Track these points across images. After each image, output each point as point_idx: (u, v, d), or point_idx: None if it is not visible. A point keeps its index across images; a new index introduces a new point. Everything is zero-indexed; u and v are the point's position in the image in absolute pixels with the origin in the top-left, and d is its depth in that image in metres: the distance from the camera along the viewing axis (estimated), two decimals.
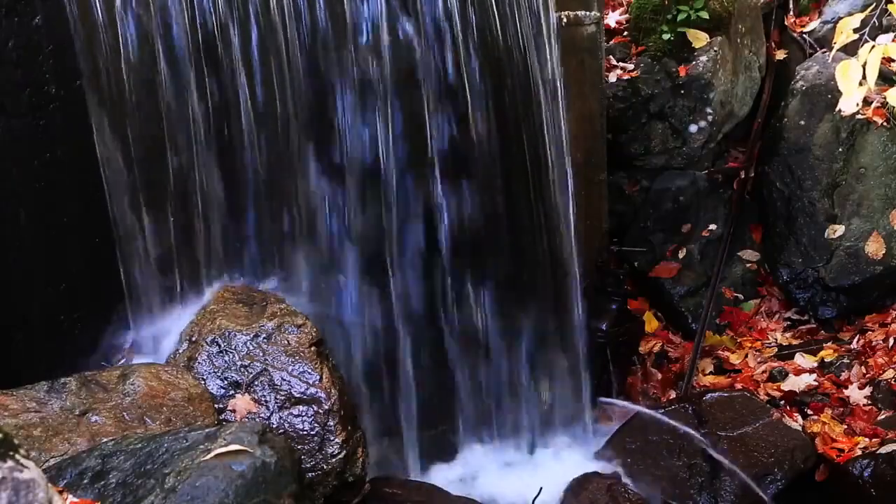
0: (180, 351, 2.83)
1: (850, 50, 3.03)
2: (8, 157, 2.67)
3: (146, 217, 2.94)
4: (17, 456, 1.36)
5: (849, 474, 3.54)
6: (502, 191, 3.61)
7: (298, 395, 2.70)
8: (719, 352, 4.55)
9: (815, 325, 4.65)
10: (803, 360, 4.40)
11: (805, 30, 5.11)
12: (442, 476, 3.57)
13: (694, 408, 3.86)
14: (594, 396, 4.07)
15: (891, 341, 4.35)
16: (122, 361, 2.88)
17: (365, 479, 2.77)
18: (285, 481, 2.02)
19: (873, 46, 2.57)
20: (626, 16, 4.90)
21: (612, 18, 4.89)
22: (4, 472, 1.32)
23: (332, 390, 2.72)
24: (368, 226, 3.34)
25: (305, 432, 2.66)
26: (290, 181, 3.18)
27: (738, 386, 4.25)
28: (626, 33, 4.89)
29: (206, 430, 2.15)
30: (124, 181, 2.87)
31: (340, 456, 2.66)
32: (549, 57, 3.59)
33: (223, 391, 2.71)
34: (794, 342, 4.58)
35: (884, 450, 3.55)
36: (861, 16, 2.78)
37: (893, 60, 4.33)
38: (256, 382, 2.72)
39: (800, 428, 3.89)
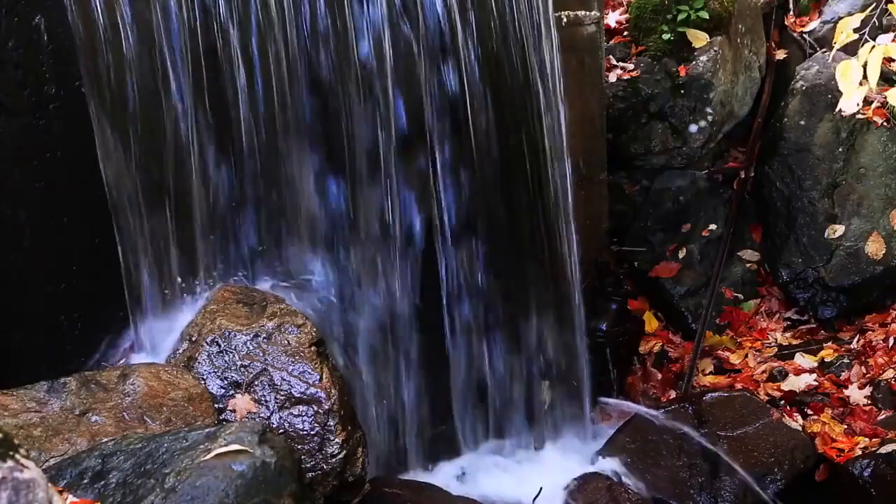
0: (180, 351, 2.83)
1: (850, 50, 3.03)
2: (8, 157, 2.67)
3: (146, 217, 2.93)
4: (17, 456, 1.36)
5: (849, 474, 3.54)
6: (502, 190, 3.61)
7: (298, 395, 2.70)
8: (719, 352, 4.55)
9: (815, 325, 4.64)
10: (803, 360, 4.40)
11: (805, 30, 5.11)
12: (442, 476, 3.57)
13: (694, 408, 3.86)
14: (594, 396, 4.07)
15: (891, 341, 4.34)
16: (122, 361, 2.88)
17: (365, 479, 2.77)
18: (285, 481, 2.02)
19: (874, 47, 2.57)
20: (626, 16, 4.90)
21: (612, 18, 4.89)
22: (4, 471, 1.32)
23: (332, 390, 2.72)
24: (368, 225, 3.34)
25: (305, 432, 2.66)
26: (291, 180, 3.18)
27: (738, 386, 4.25)
28: (626, 33, 4.89)
29: (206, 430, 2.15)
30: (124, 181, 2.87)
31: (340, 456, 2.66)
32: (548, 57, 3.59)
33: (223, 391, 2.71)
34: (794, 342, 4.58)
35: (884, 450, 3.55)
36: (861, 16, 2.78)
37: (893, 60, 4.33)
38: (256, 382, 2.72)
39: (800, 428, 3.88)
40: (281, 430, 2.63)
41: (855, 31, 2.75)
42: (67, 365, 2.72)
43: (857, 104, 2.65)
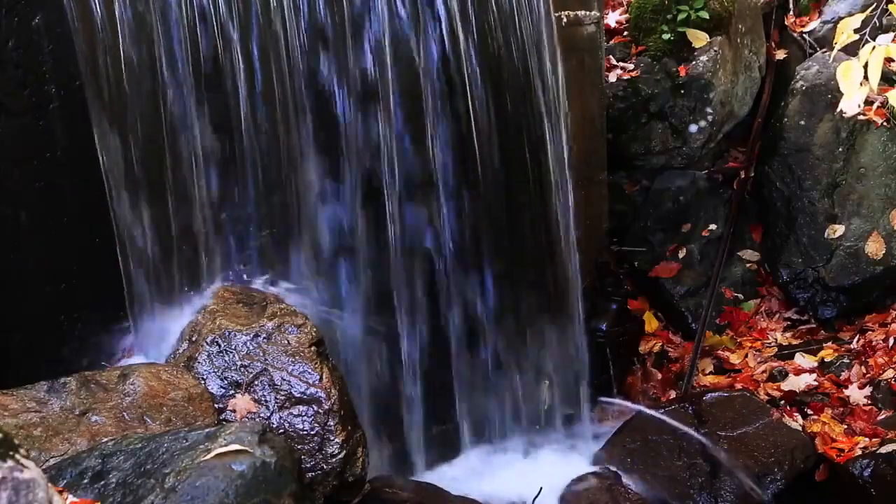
0: (180, 351, 2.83)
1: (850, 50, 3.03)
2: (8, 157, 2.67)
3: (146, 217, 2.94)
4: (17, 456, 1.36)
5: (849, 474, 3.54)
6: (502, 190, 3.61)
7: (298, 395, 2.70)
8: (719, 352, 4.55)
9: (815, 325, 4.64)
10: (803, 360, 4.39)
11: (805, 30, 5.11)
12: (442, 476, 3.57)
13: (694, 408, 3.86)
14: (594, 396, 4.08)
15: (891, 341, 4.34)
16: (123, 361, 2.88)
17: (365, 479, 2.77)
18: (285, 481, 2.02)
19: (874, 47, 2.57)
20: (626, 16, 4.90)
21: (612, 18, 4.89)
22: (4, 471, 1.32)
23: (332, 390, 2.72)
24: (369, 226, 3.34)
25: (305, 432, 2.66)
26: (291, 180, 3.18)
27: (738, 386, 4.25)
28: (626, 33, 4.89)
29: (206, 430, 2.15)
30: (124, 181, 2.87)
31: (340, 456, 2.66)
32: (549, 57, 3.59)
33: (223, 391, 2.71)
34: (794, 342, 4.58)
35: (884, 450, 3.55)
36: (861, 16, 2.77)
37: (894, 61, 4.33)
38: (256, 382, 2.72)
39: (800, 428, 3.89)
40: (281, 430, 2.63)
41: (855, 31, 2.75)
42: (67, 365, 2.72)
43: (859, 105, 2.64)
